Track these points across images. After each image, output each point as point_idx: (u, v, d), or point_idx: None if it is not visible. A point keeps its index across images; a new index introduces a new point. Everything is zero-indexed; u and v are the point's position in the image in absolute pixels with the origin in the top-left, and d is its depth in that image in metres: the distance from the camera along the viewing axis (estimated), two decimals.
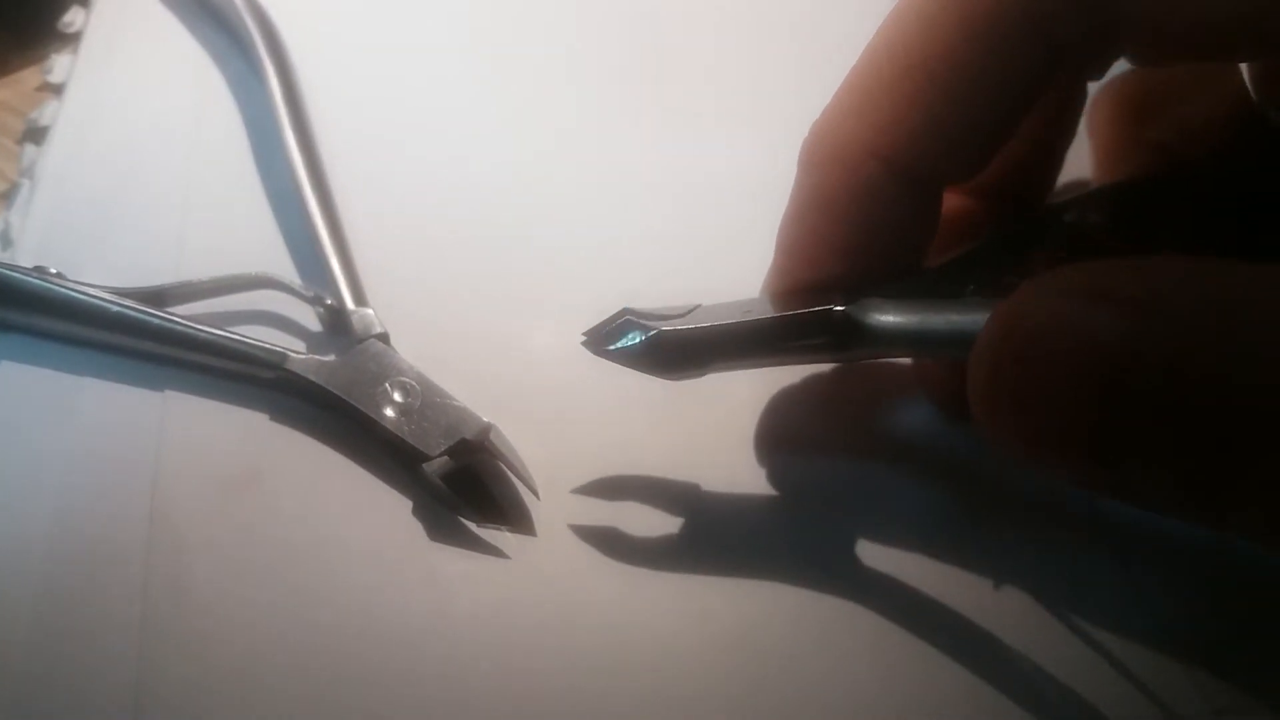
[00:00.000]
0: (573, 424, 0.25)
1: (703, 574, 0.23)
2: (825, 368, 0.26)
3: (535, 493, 0.24)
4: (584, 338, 0.23)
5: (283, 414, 0.25)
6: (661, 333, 0.22)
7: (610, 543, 0.23)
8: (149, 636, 0.21)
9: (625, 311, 0.23)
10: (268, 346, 0.25)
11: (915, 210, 0.23)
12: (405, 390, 0.24)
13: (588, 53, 0.34)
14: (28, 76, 0.35)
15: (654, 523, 0.24)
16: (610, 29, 0.35)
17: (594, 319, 0.23)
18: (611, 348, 0.22)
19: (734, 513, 0.24)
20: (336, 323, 0.26)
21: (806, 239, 0.23)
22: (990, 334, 0.16)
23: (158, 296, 0.26)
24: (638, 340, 0.22)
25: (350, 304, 0.26)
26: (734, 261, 0.24)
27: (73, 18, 0.34)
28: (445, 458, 0.23)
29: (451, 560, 0.23)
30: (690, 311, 0.22)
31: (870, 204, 0.22)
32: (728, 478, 0.24)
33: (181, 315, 0.25)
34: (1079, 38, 0.20)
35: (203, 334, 0.25)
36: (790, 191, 0.23)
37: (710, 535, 0.24)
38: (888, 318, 0.21)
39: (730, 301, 0.23)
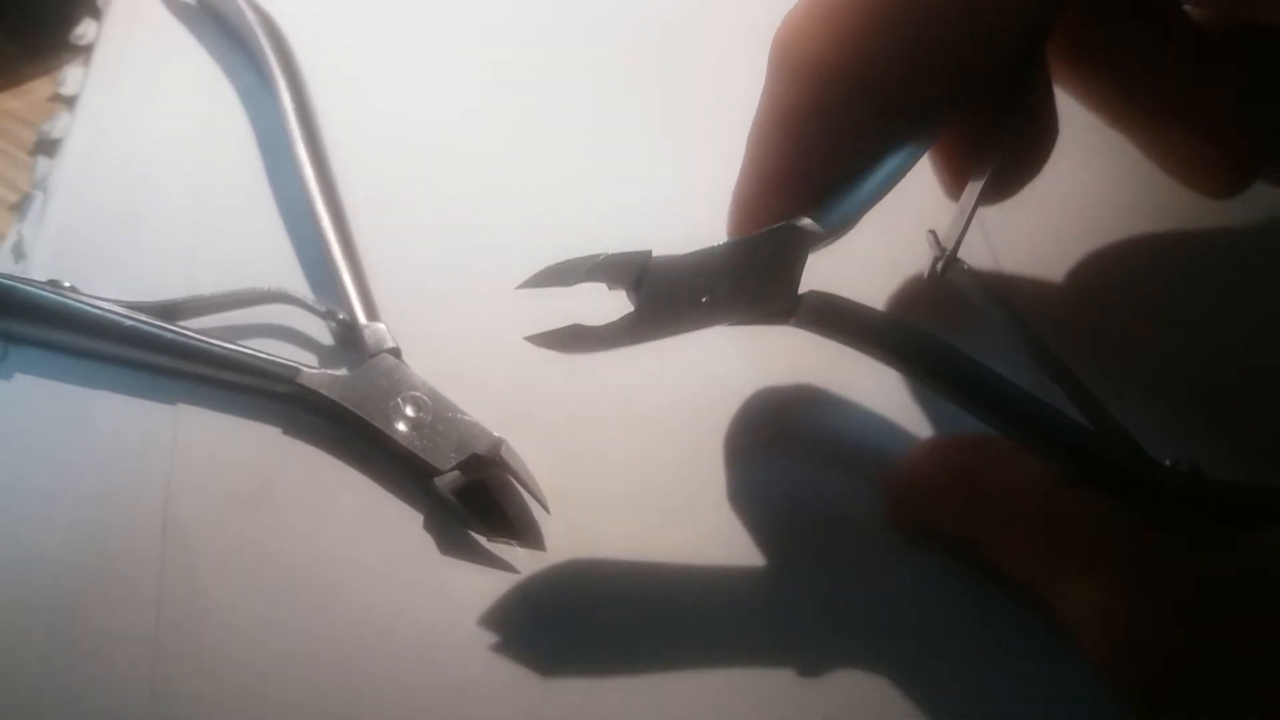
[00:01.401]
0: (583, 439, 0.25)
1: (713, 586, 0.23)
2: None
3: (546, 507, 0.24)
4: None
5: (295, 428, 0.25)
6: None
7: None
8: (163, 650, 0.22)
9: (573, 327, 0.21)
10: (280, 361, 0.25)
11: (889, 133, 0.22)
12: (417, 405, 0.24)
13: (604, 65, 0.34)
14: (39, 87, 0.35)
15: (660, 530, 0.24)
16: (625, 43, 0.35)
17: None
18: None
19: (742, 520, 0.24)
20: (348, 337, 0.26)
21: (775, 151, 0.22)
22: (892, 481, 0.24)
23: (170, 310, 0.26)
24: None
25: (362, 319, 0.26)
26: None
27: (85, 30, 0.35)
28: (456, 472, 0.24)
29: (462, 575, 0.23)
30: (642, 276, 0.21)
31: (838, 126, 0.21)
32: (739, 486, 0.25)
33: (194, 329, 0.25)
34: None
35: (215, 348, 0.25)
36: (760, 95, 0.22)
37: (717, 544, 0.24)
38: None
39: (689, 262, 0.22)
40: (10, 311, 0.25)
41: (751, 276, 0.21)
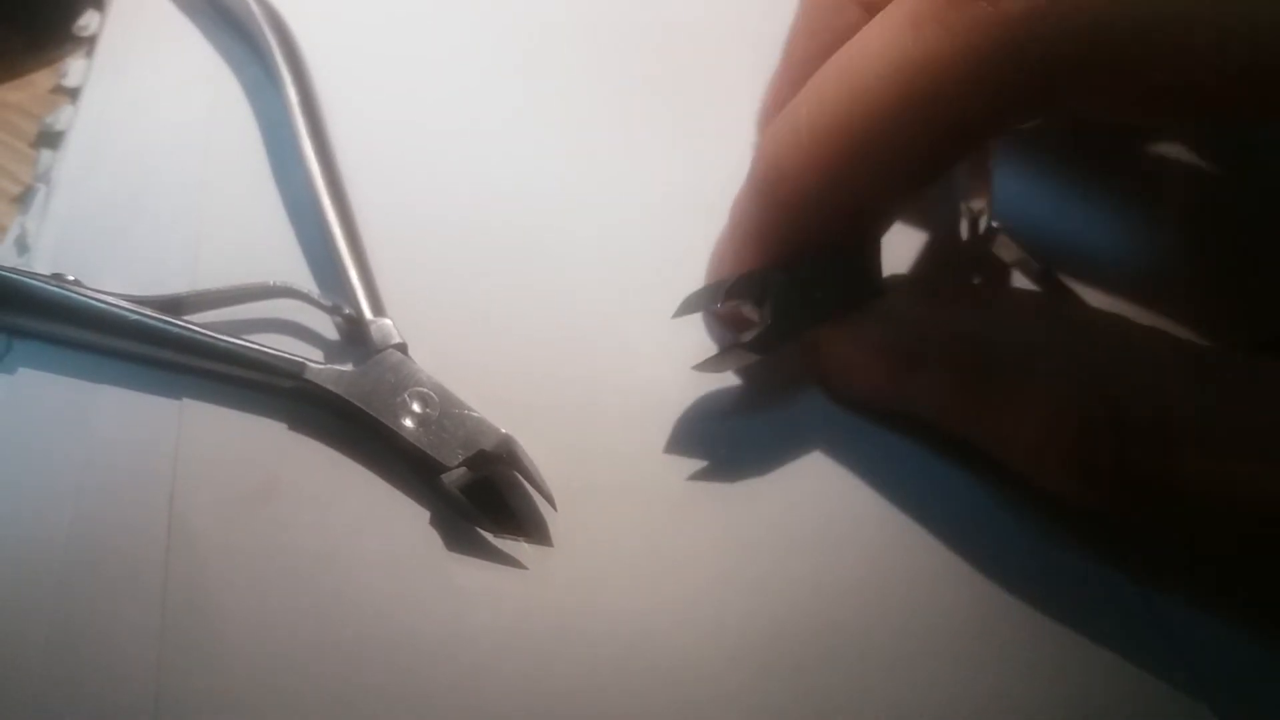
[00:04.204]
0: (591, 435, 0.25)
1: (719, 583, 0.23)
2: None
3: (553, 504, 0.24)
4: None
5: (301, 424, 0.25)
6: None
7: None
8: (168, 646, 0.21)
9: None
10: (286, 356, 0.25)
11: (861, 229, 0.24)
12: (424, 401, 0.24)
13: (611, 61, 0.34)
14: (41, 79, 0.35)
15: (667, 526, 0.24)
16: (633, 39, 0.35)
17: (610, 330, 0.23)
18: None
19: (750, 518, 0.24)
20: (354, 332, 0.26)
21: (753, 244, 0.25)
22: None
23: (174, 305, 0.26)
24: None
25: (368, 314, 0.26)
26: None
27: (87, 21, 0.34)
28: (463, 469, 0.23)
29: (469, 571, 0.23)
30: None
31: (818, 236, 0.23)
32: (743, 482, 0.25)
33: (198, 324, 0.25)
34: None
35: (220, 343, 0.25)
36: (744, 195, 0.24)
37: (723, 543, 0.24)
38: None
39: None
40: (13, 305, 0.25)
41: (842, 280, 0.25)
